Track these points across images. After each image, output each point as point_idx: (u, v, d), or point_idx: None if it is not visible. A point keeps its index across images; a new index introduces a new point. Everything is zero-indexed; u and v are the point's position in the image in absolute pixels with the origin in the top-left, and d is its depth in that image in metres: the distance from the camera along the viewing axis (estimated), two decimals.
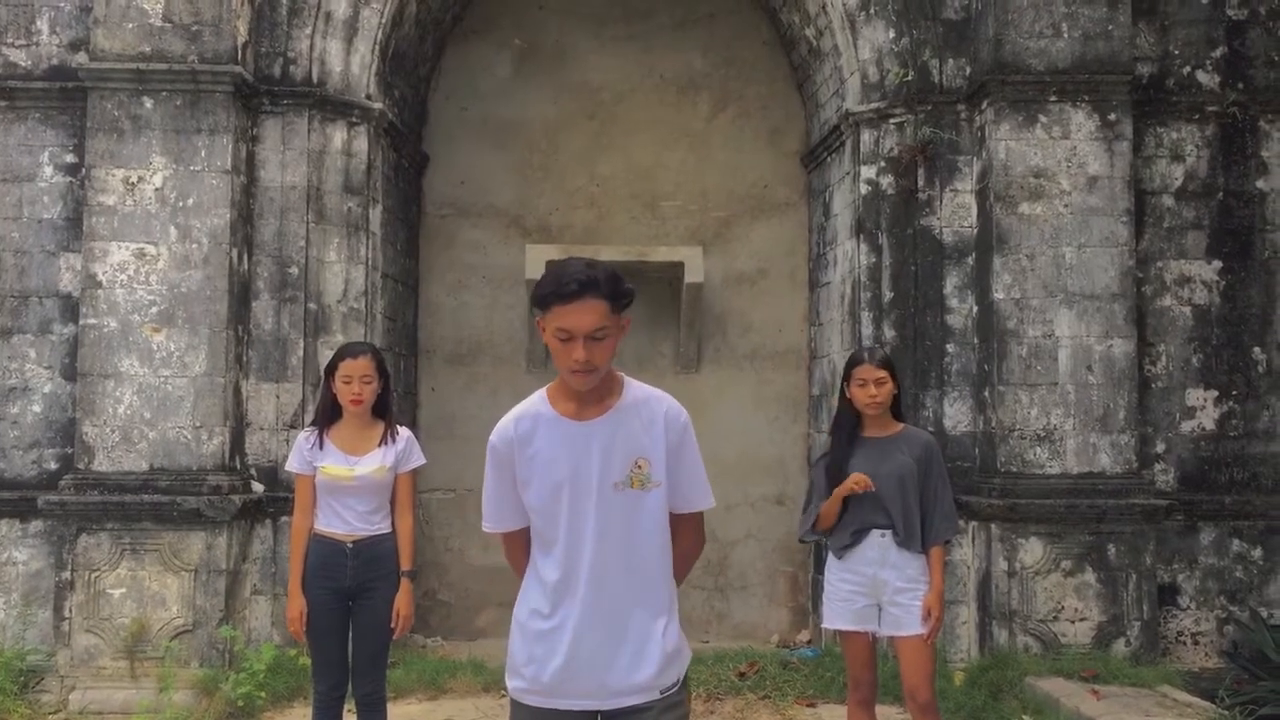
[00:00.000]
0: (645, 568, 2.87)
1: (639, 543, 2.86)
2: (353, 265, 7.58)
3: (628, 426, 2.86)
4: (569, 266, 2.77)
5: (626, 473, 2.84)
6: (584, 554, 2.83)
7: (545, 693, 2.85)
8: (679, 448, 2.90)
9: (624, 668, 2.82)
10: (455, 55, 9.32)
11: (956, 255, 7.51)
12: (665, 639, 2.85)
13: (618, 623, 2.83)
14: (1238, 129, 7.64)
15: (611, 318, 2.77)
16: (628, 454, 2.85)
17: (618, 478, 2.84)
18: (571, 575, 2.84)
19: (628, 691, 2.83)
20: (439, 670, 7.16)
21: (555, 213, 9.28)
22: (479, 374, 9.16)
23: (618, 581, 2.84)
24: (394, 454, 4.73)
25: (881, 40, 7.63)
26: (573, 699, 2.84)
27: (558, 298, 2.73)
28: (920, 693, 4.72)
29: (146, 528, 6.72)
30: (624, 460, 2.84)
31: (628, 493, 2.84)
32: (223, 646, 6.76)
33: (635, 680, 2.82)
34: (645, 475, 2.85)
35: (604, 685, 2.82)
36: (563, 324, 2.73)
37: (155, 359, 6.89)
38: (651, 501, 2.86)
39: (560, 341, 2.76)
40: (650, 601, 2.86)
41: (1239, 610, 7.35)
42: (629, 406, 2.88)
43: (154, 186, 6.96)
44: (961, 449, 7.42)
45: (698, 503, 2.97)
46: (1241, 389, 7.55)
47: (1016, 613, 6.88)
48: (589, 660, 2.82)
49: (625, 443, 2.85)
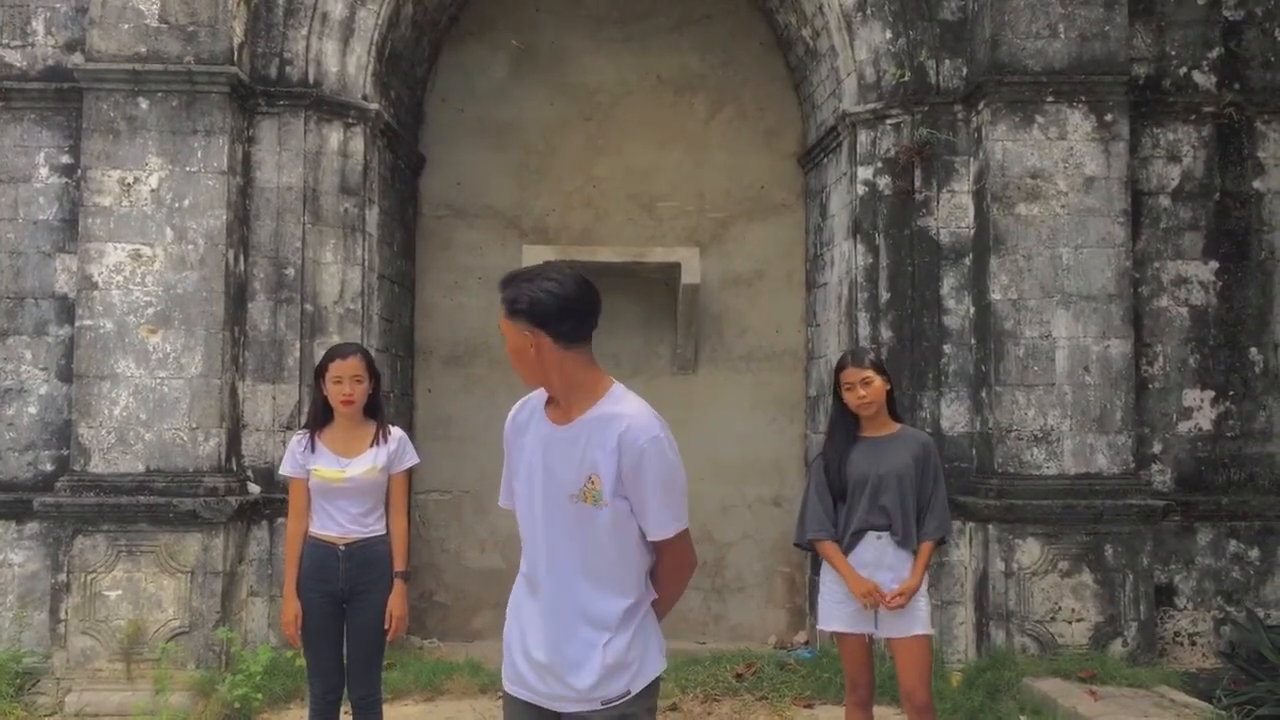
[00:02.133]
0: (597, 581, 2.85)
1: (591, 556, 2.84)
2: (349, 266, 7.57)
3: (587, 439, 2.83)
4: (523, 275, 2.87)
5: (581, 486, 2.82)
6: (541, 556, 2.89)
7: (513, 682, 2.95)
8: (635, 471, 2.79)
9: (563, 672, 2.84)
10: (452, 56, 9.31)
11: (953, 256, 7.51)
12: (606, 651, 2.82)
13: (564, 628, 2.85)
14: (1234, 130, 7.64)
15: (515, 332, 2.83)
16: (583, 467, 2.82)
17: (573, 490, 2.83)
18: (534, 573, 2.92)
19: (568, 697, 2.85)
20: (436, 672, 7.14)
21: (552, 214, 9.27)
22: (476, 375, 9.15)
23: (568, 589, 2.85)
24: (386, 454, 4.71)
25: (878, 41, 7.63)
26: (528, 692, 2.91)
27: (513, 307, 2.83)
28: (917, 694, 4.72)
29: (143, 529, 6.71)
30: (579, 473, 2.83)
31: (582, 506, 2.82)
32: (219, 648, 6.75)
33: (573, 686, 2.83)
34: (597, 492, 2.81)
35: (547, 685, 2.87)
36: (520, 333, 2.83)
37: (151, 360, 6.88)
38: (605, 518, 2.82)
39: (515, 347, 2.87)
40: (597, 614, 2.84)
41: (1236, 611, 7.35)
42: (593, 420, 2.84)
43: (150, 187, 6.95)
44: (959, 450, 7.42)
45: (659, 530, 2.85)
46: (1238, 389, 7.55)
47: (1014, 613, 6.88)
48: (539, 658, 2.87)
49: (583, 455, 2.83)
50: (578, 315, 2.81)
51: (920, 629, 4.74)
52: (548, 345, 2.80)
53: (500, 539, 9.03)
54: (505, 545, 9.03)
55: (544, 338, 2.79)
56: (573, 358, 2.83)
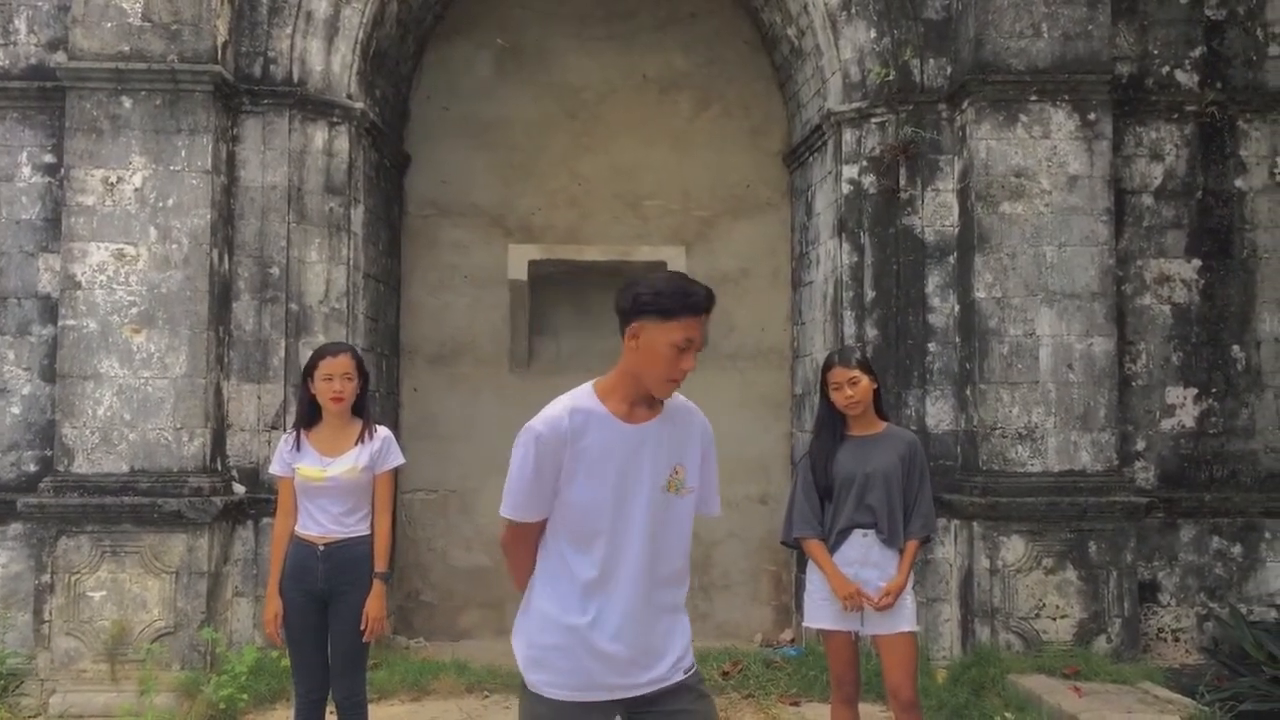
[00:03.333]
0: (673, 566, 3.03)
1: (670, 544, 3.02)
2: (334, 265, 7.55)
3: (672, 433, 3.02)
4: (678, 279, 3.01)
5: (666, 477, 2.99)
6: (627, 552, 2.94)
7: (573, 686, 2.93)
8: (706, 457, 3.11)
9: (649, 662, 2.96)
10: (437, 55, 9.30)
11: (938, 254, 7.54)
12: (682, 634, 3.07)
13: (646, 621, 2.97)
14: (1216, 128, 7.68)
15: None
16: (670, 459, 3.00)
17: (662, 481, 2.98)
18: (610, 572, 2.94)
19: (652, 680, 2.96)
20: (422, 671, 7.13)
21: (537, 213, 9.27)
22: (461, 374, 9.14)
23: (651, 579, 2.97)
24: (369, 454, 4.69)
25: (863, 40, 7.65)
26: (601, 691, 2.94)
27: (691, 309, 2.91)
28: (903, 691, 4.73)
29: (127, 530, 6.68)
30: (666, 465, 2.99)
31: (669, 496, 2.99)
32: (204, 649, 6.73)
33: (658, 670, 2.97)
34: (680, 480, 3.02)
35: (629, 676, 2.94)
36: (691, 334, 2.91)
37: (135, 360, 6.85)
38: (684, 505, 3.03)
39: (677, 350, 2.92)
40: (675, 598, 3.06)
41: (1219, 607, 7.40)
42: (672, 414, 3.04)
43: (133, 186, 6.92)
44: (944, 447, 7.45)
45: (713, 509, 3.18)
46: (1221, 387, 7.60)
47: (998, 610, 6.91)
48: (623, 654, 2.93)
49: (669, 448, 3.01)
50: None
51: (906, 626, 4.75)
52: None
53: (486, 539, 9.01)
54: (491, 545, 9.01)
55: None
56: None
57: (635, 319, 2.93)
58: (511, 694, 6.99)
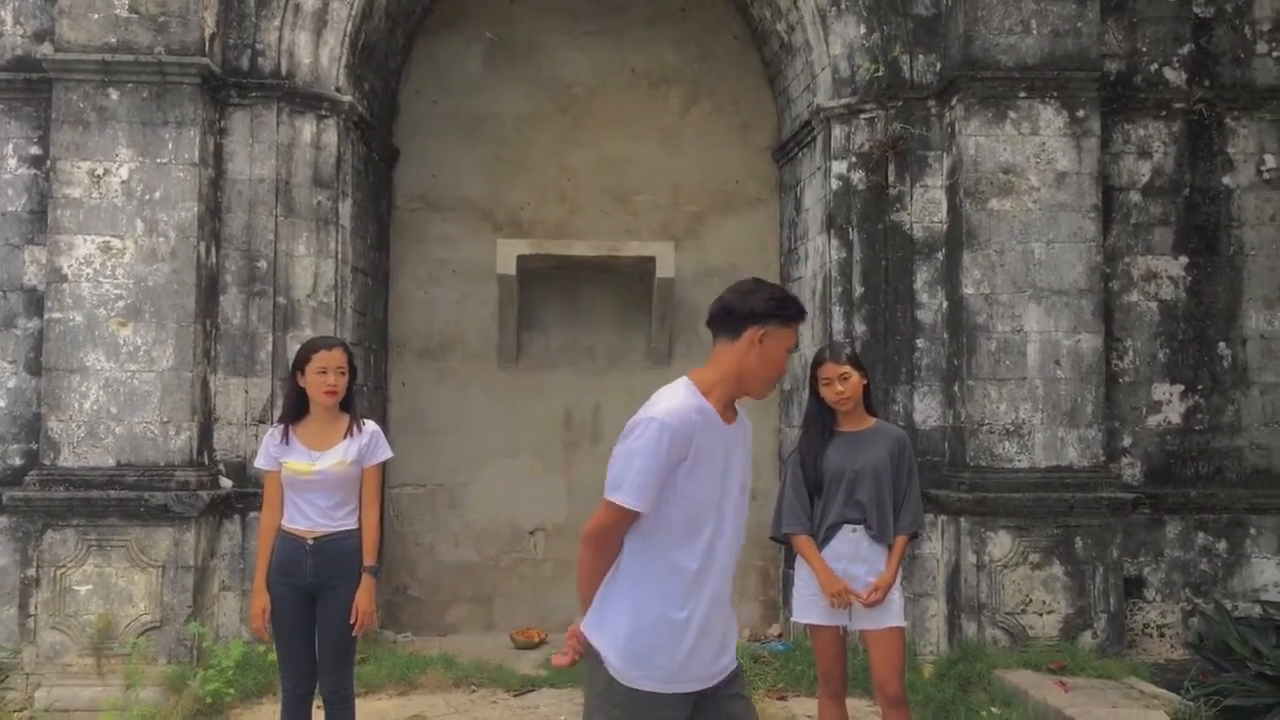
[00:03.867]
0: (736, 559, 3.25)
1: (739, 538, 3.23)
2: (322, 259, 7.53)
3: (743, 435, 3.27)
4: (782, 289, 3.29)
5: (747, 476, 3.27)
6: (719, 545, 3.13)
7: (669, 679, 3.04)
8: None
9: (727, 648, 3.19)
10: (425, 48, 9.27)
11: (927, 250, 7.55)
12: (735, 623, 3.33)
13: (726, 608, 3.19)
14: (1204, 126, 7.71)
15: None
16: (746, 459, 3.27)
17: (745, 479, 3.25)
18: (708, 565, 3.11)
19: (726, 667, 3.18)
20: (409, 666, 7.13)
21: (526, 207, 9.25)
22: (450, 369, 9.13)
23: (727, 576, 3.19)
24: (357, 447, 4.69)
25: (852, 36, 7.65)
26: (690, 683, 3.08)
27: (801, 317, 3.21)
28: (890, 685, 4.74)
29: (113, 524, 6.66)
30: (745, 465, 3.26)
31: (744, 494, 3.25)
32: (191, 643, 6.71)
33: (730, 655, 3.21)
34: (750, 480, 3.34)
35: (716, 665, 3.14)
36: (796, 340, 3.24)
37: (122, 353, 6.82)
38: (746, 502, 3.27)
39: (788, 354, 3.22)
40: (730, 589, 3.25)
41: (1204, 603, 7.43)
42: (742, 417, 3.29)
43: (120, 179, 6.89)
44: (931, 443, 7.46)
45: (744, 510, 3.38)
46: (1207, 384, 7.63)
47: (985, 605, 6.93)
48: (709, 644, 3.11)
49: (744, 448, 3.26)
50: None
51: (894, 621, 4.76)
52: None
53: (474, 533, 9.02)
54: (479, 539, 9.03)
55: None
56: None
57: (761, 324, 3.12)
58: (498, 688, 7.00)
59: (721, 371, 3.15)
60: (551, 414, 9.15)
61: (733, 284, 3.27)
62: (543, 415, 9.13)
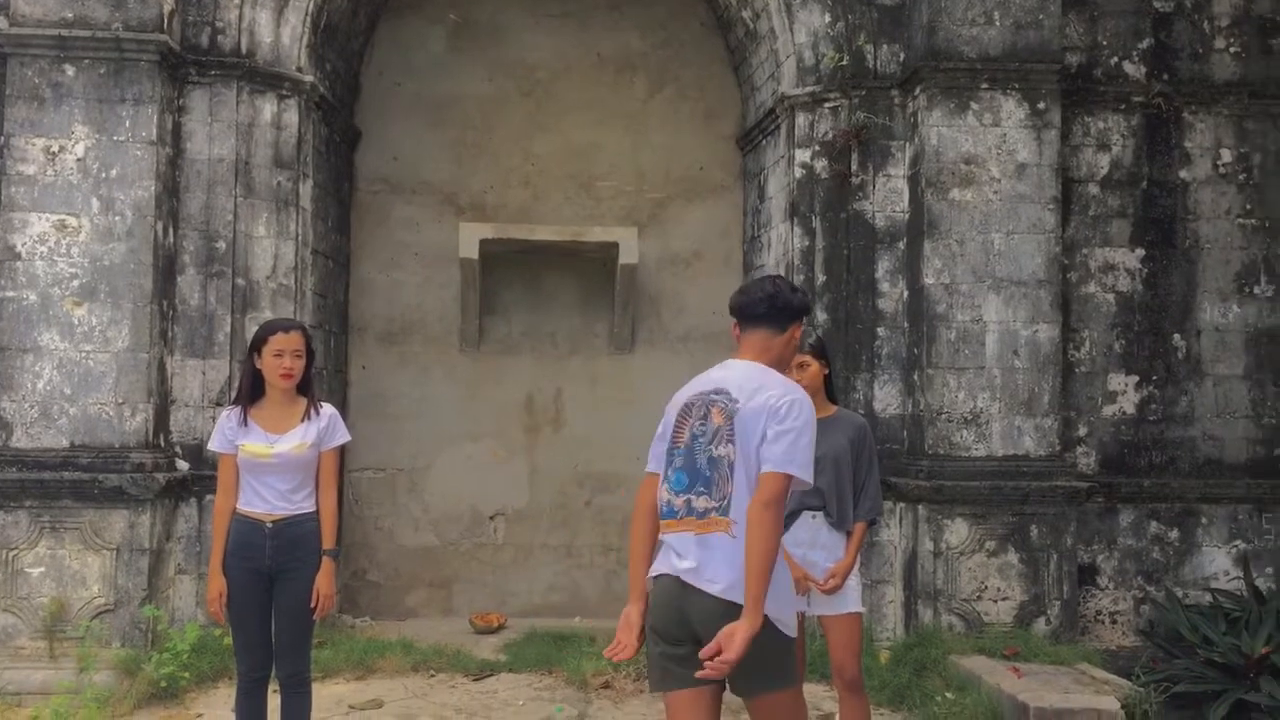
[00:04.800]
0: None
1: None
2: (282, 241, 7.46)
3: None
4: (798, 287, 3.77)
5: None
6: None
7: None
8: None
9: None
10: (389, 30, 9.19)
11: (888, 240, 7.59)
12: None
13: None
14: (1162, 120, 7.79)
15: None
16: None
17: None
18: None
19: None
20: (367, 650, 7.10)
21: (490, 191, 9.21)
22: (411, 353, 9.08)
23: None
24: (316, 431, 4.66)
25: (817, 24, 7.67)
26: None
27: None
28: (848, 670, 4.78)
29: (67, 506, 6.58)
30: None
31: None
32: (145, 626, 6.65)
33: None
34: None
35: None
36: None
37: (76, 333, 6.74)
38: None
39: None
40: None
41: (1155, 590, 7.54)
42: None
43: (76, 156, 6.79)
44: (891, 431, 7.52)
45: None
46: (1161, 374, 7.73)
47: (941, 592, 7.00)
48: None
49: None
50: None
51: (852, 607, 4.80)
52: None
53: (434, 518, 8.99)
54: (439, 524, 9.00)
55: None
56: None
57: (800, 320, 3.70)
58: (457, 672, 6.99)
59: (771, 359, 3.63)
60: (513, 399, 9.12)
61: (757, 280, 3.68)
62: (504, 400, 9.11)
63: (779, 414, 3.39)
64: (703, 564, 3.38)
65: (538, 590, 9.00)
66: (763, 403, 3.42)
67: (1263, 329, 7.76)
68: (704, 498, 3.46)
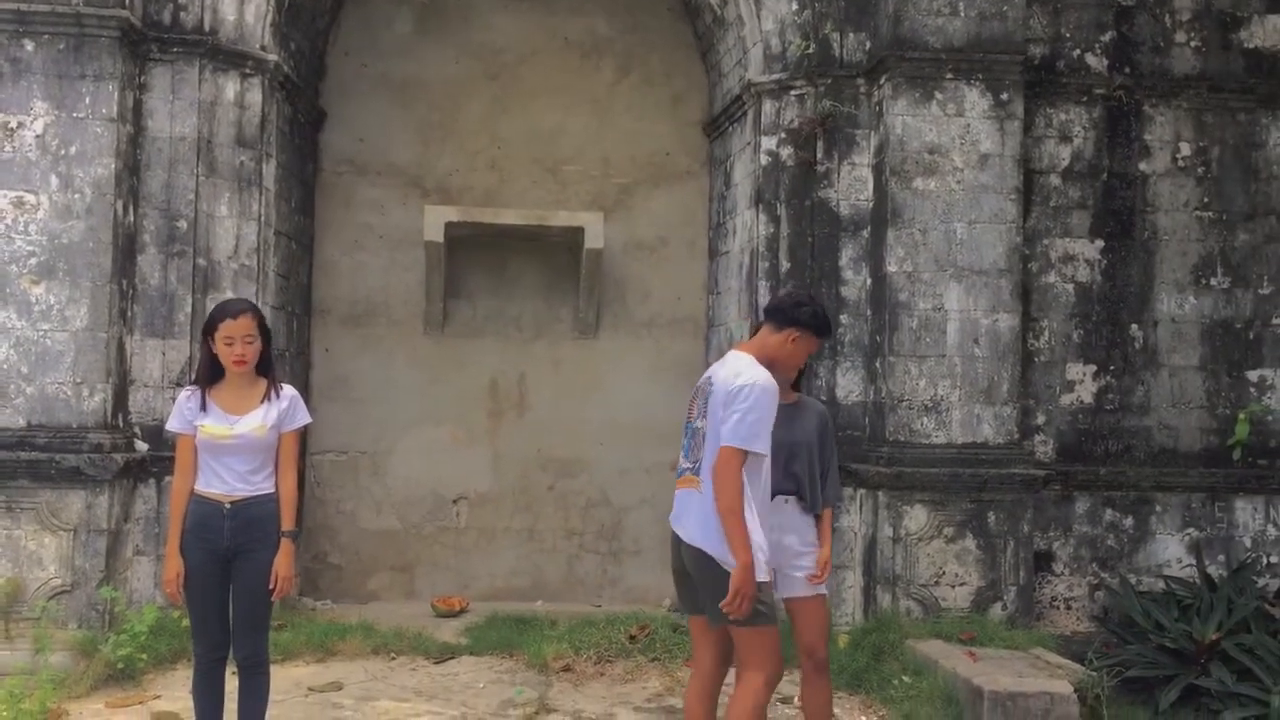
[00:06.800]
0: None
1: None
2: (244, 221, 7.40)
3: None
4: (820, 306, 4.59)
5: None
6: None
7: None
8: None
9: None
10: (355, 10, 9.12)
11: (852, 228, 7.63)
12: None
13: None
14: (1123, 112, 7.88)
15: None
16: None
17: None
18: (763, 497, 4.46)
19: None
20: (328, 633, 7.09)
21: (455, 174, 9.17)
22: (374, 335, 9.04)
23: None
24: (276, 412, 4.63)
25: (784, 12, 7.68)
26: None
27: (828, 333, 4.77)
28: (817, 650, 4.87)
29: (23, 486, 6.51)
30: None
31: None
32: (103, 608, 6.60)
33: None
34: None
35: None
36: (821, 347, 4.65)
37: (34, 312, 6.66)
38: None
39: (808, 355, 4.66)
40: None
41: (1110, 577, 7.65)
42: None
43: (35, 133, 6.70)
44: (852, 418, 7.58)
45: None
46: (1119, 364, 7.83)
47: (900, 578, 7.07)
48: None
49: None
50: None
51: (819, 590, 4.90)
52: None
53: (396, 501, 8.96)
54: (401, 507, 8.98)
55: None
56: None
57: (800, 328, 4.45)
58: (418, 655, 6.99)
59: (764, 351, 4.44)
60: (477, 383, 9.11)
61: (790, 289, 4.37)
62: (468, 384, 9.09)
63: (735, 396, 4.18)
64: (679, 514, 4.46)
65: (500, 574, 9.01)
66: (727, 386, 4.23)
67: (1218, 320, 7.88)
68: (687, 461, 4.43)
